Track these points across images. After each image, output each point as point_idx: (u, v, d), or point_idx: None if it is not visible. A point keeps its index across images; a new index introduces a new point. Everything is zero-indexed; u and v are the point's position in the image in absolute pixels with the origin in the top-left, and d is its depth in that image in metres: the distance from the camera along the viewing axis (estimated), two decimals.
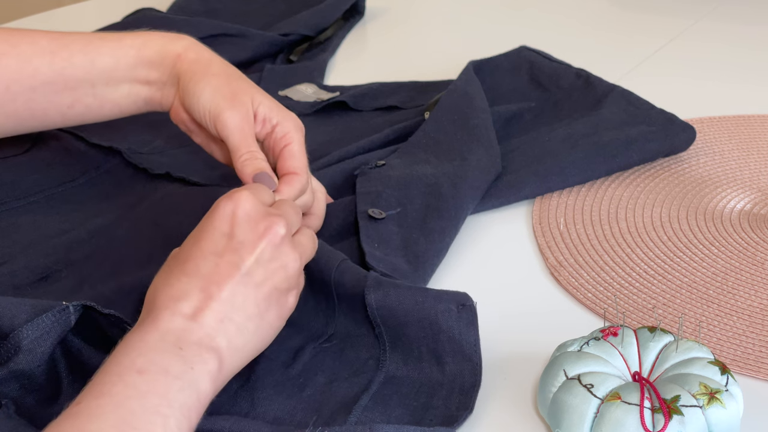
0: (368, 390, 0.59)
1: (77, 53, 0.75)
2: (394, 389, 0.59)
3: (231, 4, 1.30)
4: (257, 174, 0.67)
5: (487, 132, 0.86)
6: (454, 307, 0.60)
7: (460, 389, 0.58)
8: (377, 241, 0.70)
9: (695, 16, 1.26)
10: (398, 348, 0.61)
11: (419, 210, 0.74)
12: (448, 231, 0.74)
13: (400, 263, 0.69)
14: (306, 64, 1.10)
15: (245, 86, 0.72)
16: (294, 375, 0.61)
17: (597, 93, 0.94)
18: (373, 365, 0.61)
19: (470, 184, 0.78)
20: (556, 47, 1.06)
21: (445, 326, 0.60)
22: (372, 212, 0.72)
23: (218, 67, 0.73)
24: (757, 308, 0.67)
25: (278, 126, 0.71)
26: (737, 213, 0.79)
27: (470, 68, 0.96)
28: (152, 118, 0.96)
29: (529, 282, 0.72)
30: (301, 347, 0.64)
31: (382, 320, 0.61)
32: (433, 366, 0.60)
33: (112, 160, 0.87)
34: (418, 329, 0.60)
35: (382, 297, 0.61)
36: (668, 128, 0.87)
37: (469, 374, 0.59)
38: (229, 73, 0.73)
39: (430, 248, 0.72)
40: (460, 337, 0.60)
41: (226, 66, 0.74)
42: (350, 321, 0.64)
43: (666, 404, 0.51)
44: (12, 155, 0.89)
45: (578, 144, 0.85)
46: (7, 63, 0.74)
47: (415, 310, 0.61)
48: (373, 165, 0.79)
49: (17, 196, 0.82)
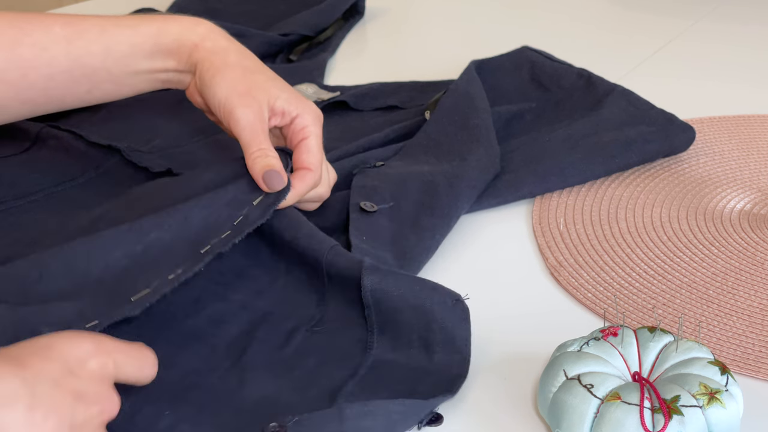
0: (355, 376, 0.59)
1: (93, 42, 0.74)
2: (381, 374, 0.59)
3: (231, 4, 1.30)
4: (266, 172, 0.67)
5: (488, 132, 0.86)
6: (449, 300, 0.61)
7: (447, 379, 0.59)
8: (366, 234, 0.70)
9: (695, 16, 1.26)
10: (387, 332, 0.61)
11: (412, 206, 0.74)
12: (439, 229, 0.74)
13: (387, 258, 0.69)
14: (306, 64, 1.10)
15: (261, 80, 0.72)
16: (285, 357, 0.61)
17: (598, 93, 0.94)
18: (361, 349, 0.61)
19: (467, 184, 0.78)
20: (556, 47, 1.06)
21: (439, 316, 0.60)
22: (364, 205, 0.72)
23: (235, 58, 0.73)
24: (757, 308, 0.67)
25: (297, 118, 0.71)
26: (737, 213, 0.79)
27: (472, 68, 0.96)
28: (153, 117, 0.96)
29: (529, 282, 0.72)
30: (293, 329, 0.64)
31: (374, 303, 0.62)
32: (422, 353, 0.60)
33: (112, 158, 0.87)
34: (412, 316, 0.61)
35: (378, 280, 0.62)
36: (668, 129, 0.87)
37: (457, 366, 0.59)
38: (246, 65, 0.73)
39: (418, 245, 0.72)
40: (452, 329, 0.60)
41: (243, 56, 0.74)
42: (341, 303, 0.64)
43: (666, 404, 0.51)
44: (11, 154, 0.89)
45: (578, 144, 0.85)
46: (22, 52, 0.73)
47: (410, 297, 0.61)
48: (372, 165, 0.80)
49: (17, 195, 0.82)
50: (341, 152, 0.85)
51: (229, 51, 0.73)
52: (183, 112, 0.98)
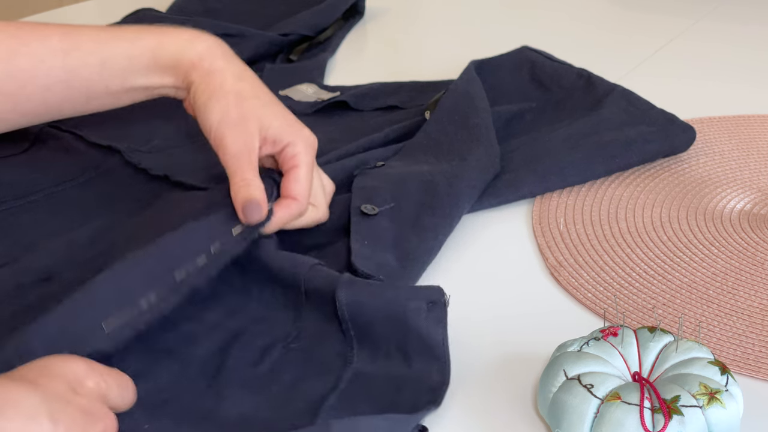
0: (336, 389, 0.58)
1: (90, 54, 0.74)
2: (362, 386, 0.59)
3: (231, 4, 1.30)
4: (246, 204, 0.67)
5: (488, 131, 0.86)
6: (424, 304, 0.60)
7: (429, 387, 0.58)
8: (367, 238, 0.70)
9: (695, 16, 1.26)
10: (366, 345, 0.61)
11: (413, 206, 0.74)
12: (441, 229, 0.74)
13: (389, 260, 0.69)
14: (306, 64, 1.10)
15: (255, 107, 0.71)
16: (261, 374, 0.61)
17: (598, 93, 0.94)
18: (341, 362, 0.61)
19: (467, 183, 0.78)
20: (556, 47, 1.06)
21: (413, 324, 0.60)
22: (365, 208, 0.72)
23: (231, 82, 0.72)
24: (757, 308, 0.67)
25: (288, 147, 0.70)
26: (737, 213, 0.79)
27: (471, 68, 0.96)
28: (152, 116, 0.96)
29: (529, 282, 0.72)
30: (268, 346, 0.63)
31: (351, 317, 0.61)
32: (400, 363, 0.60)
33: (112, 159, 0.87)
34: (387, 326, 0.60)
35: (352, 294, 0.61)
36: (668, 129, 0.87)
37: (437, 373, 0.59)
38: (240, 91, 0.71)
39: (421, 246, 0.72)
40: (427, 335, 0.60)
41: (238, 79, 0.72)
42: (319, 319, 0.64)
43: (666, 404, 0.51)
44: (11, 154, 0.89)
45: (578, 144, 0.85)
46: (19, 63, 0.73)
47: (384, 308, 0.60)
48: (373, 165, 0.80)
49: (17, 195, 0.82)
50: (341, 152, 0.85)
51: (225, 74, 0.72)
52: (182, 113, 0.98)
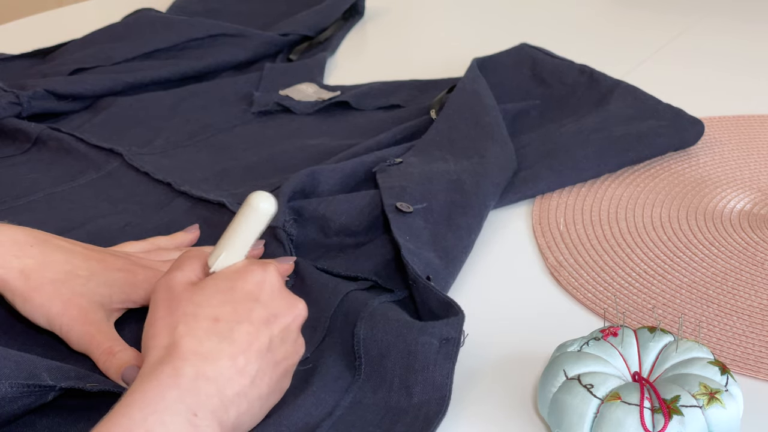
0: (331, 416, 0.57)
1: None
2: (358, 415, 0.58)
3: (231, 4, 1.30)
4: (123, 372, 0.59)
5: (500, 129, 0.86)
6: (437, 341, 0.59)
7: (425, 417, 0.57)
8: (408, 234, 0.69)
9: (696, 15, 1.26)
10: (373, 377, 0.60)
11: (444, 206, 0.73)
12: (473, 228, 0.74)
13: (432, 258, 0.68)
14: (305, 62, 1.10)
15: (76, 286, 0.63)
16: None
17: (602, 89, 0.95)
18: (342, 387, 0.60)
19: (491, 181, 0.78)
20: (558, 45, 1.06)
21: (422, 358, 0.59)
22: (400, 205, 0.72)
23: (35, 275, 0.63)
24: (757, 308, 0.67)
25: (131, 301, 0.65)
26: (737, 213, 0.79)
27: (475, 66, 0.97)
28: (152, 117, 0.96)
29: (529, 282, 0.72)
30: None
31: (365, 352, 0.60)
32: (401, 395, 0.59)
33: (113, 162, 0.87)
34: (396, 360, 0.59)
35: (369, 328, 0.61)
36: (677, 123, 0.88)
37: (436, 403, 0.58)
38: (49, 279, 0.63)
39: (458, 245, 0.71)
40: (434, 370, 0.59)
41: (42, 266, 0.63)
42: (334, 347, 0.63)
43: (666, 404, 0.51)
44: (11, 155, 0.89)
45: (589, 139, 0.86)
46: None
47: (397, 342, 0.59)
48: (392, 162, 0.79)
49: (17, 195, 0.82)
50: (350, 152, 0.85)
51: (24, 271, 0.62)
52: (182, 113, 0.98)
